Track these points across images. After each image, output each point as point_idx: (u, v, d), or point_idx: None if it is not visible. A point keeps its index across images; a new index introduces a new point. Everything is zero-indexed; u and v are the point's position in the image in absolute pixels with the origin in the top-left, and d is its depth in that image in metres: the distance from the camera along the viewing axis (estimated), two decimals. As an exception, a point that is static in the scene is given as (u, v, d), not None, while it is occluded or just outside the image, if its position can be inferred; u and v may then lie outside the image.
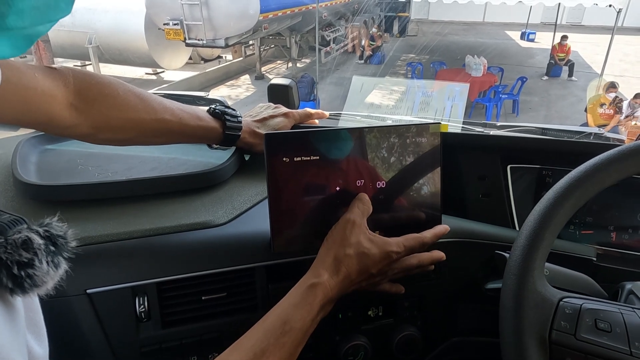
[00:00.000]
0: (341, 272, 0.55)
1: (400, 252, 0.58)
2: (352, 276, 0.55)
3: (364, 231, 0.57)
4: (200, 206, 0.70)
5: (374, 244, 0.56)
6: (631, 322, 0.45)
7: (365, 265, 0.55)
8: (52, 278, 0.35)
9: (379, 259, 0.56)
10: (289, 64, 10.19)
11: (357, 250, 0.55)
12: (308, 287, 0.53)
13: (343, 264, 0.55)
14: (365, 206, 0.59)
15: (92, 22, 8.16)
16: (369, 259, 0.55)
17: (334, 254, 0.56)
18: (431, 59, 9.83)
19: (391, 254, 0.57)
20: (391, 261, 0.57)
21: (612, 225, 0.78)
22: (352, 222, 0.57)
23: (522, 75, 7.51)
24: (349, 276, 0.55)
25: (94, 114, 0.60)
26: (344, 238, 0.56)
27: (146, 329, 0.61)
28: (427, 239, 0.61)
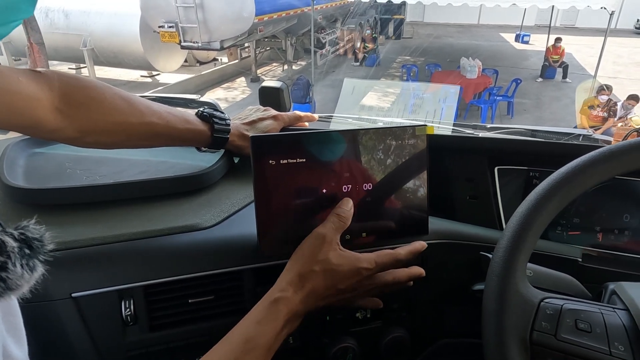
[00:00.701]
0: (306, 287, 0.53)
1: (372, 268, 0.56)
2: (318, 292, 0.54)
3: (334, 247, 0.56)
4: (188, 209, 0.70)
5: (343, 260, 0.55)
6: (611, 322, 0.46)
7: (333, 282, 0.54)
8: (27, 281, 0.35)
9: (348, 275, 0.55)
10: (285, 66, 10.20)
11: (324, 266, 0.54)
12: (272, 302, 0.52)
13: (308, 279, 0.54)
14: (341, 221, 0.58)
15: (87, 24, 8.14)
16: (336, 275, 0.54)
17: (299, 268, 0.55)
18: (426, 61, 9.88)
19: (361, 270, 0.55)
20: (362, 278, 0.56)
21: (598, 227, 0.78)
22: (322, 237, 0.56)
23: (517, 77, 7.56)
24: (315, 292, 0.54)
25: (80, 117, 0.60)
26: (312, 253, 0.55)
27: (133, 332, 0.61)
28: (401, 255, 0.60)
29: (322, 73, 9.37)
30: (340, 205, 0.60)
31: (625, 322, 0.46)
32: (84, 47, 8.13)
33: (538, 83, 9.54)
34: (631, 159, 0.51)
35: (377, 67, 10.35)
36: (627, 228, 0.77)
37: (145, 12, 7.62)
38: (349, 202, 0.60)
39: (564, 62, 9.69)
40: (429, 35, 15.80)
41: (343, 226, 0.58)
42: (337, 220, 0.58)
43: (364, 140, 0.63)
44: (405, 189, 0.66)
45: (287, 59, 9.86)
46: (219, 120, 0.75)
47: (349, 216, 0.59)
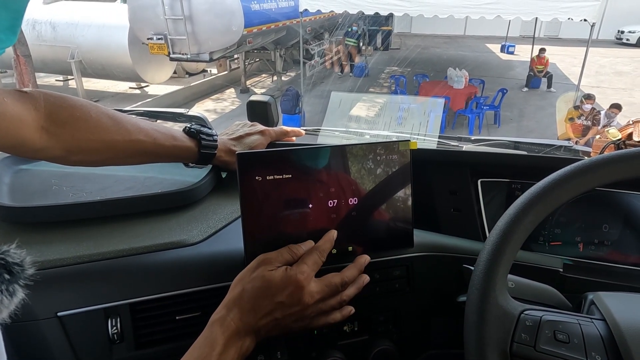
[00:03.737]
0: (239, 305, 0.54)
1: (304, 270, 0.56)
2: (254, 308, 0.54)
3: (270, 267, 0.56)
4: (175, 225, 0.70)
5: (275, 272, 0.55)
6: (588, 332, 0.47)
7: (267, 295, 0.54)
8: (6, 307, 0.35)
9: (283, 284, 0.54)
10: (274, 77, 10.25)
11: (254, 283, 0.54)
12: (207, 327, 0.53)
13: (242, 297, 0.54)
14: (285, 256, 0.58)
15: (75, 36, 8.12)
16: (270, 289, 0.54)
17: (233, 289, 0.56)
18: (414, 71, 10.00)
19: (296, 275, 0.55)
20: (298, 285, 0.55)
21: (579, 237, 0.80)
22: (261, 259, 0.57)
23: (503, 87, 7.69)
24: (250, 309, 0.54)
25: (65, 136, 0.61)
26: (245, 273, 0.57)
27: (119, 350, 0.61)
28: (324, 245, 0.61)
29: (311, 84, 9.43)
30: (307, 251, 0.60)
31: (602, 332, 0.47)
32: (71, 59, 8.09)
33: (523, 93, 9.70)
34: (605, 173, 0.53)
35: (366, 78, 10.45)
36: (607, 238, 0.79)
37: (133, 24, 7.63)
38: (320, 248, 0.60)
39: (548, 72, 9.89)
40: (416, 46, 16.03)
41: (287, 259, 0.58)
42: (286, 250, 0.59)
43: (350, 155, 0.64)
44: (390, 203, 0.67)
45: (276, 70, 9.90)
46: (206, 137, 0.76)
47: (319, 256, 0.59)
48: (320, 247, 0.61)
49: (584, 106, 5.95)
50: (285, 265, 0.57)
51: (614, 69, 12.32)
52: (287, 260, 0.58)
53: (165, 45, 7.45)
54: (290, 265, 0.57)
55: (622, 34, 17.43)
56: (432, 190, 0.85)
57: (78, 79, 8.40)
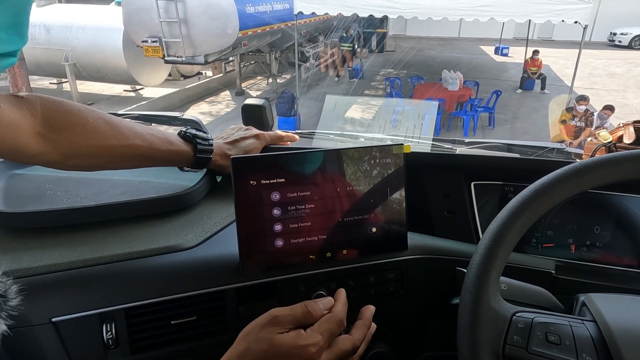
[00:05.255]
0: None
1: (317, 341, 0.51)
2: None
3: (280, 324, 0.51)
4: (170, 229, 0.70)
5: (286, 338, 0.50)
6: (579, 334, 0.47)
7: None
8: None
9: (292, 354, 0.49)
10: (269, 79, 10.25)
11: (261, 346, 0.50)
12: None
13: (245, 356, 0.50)
14: (295, 315, 0.53)
15: (69, 39, 8.08)
16: (278, 357, 0.49)
17: (239, 344, 0.51)
18: (409, 73, 10.04)
19: (307, 347, 0.50)
20: (312, 354, 0.50)
21: (571, 239, 0.81)
22: (271, 316, 0.52)
23: (497, 89, 7.73)
24: None
25: (62, 142, 0.61)
26: (257, 331, 0.51)
27: (114, 356, 0.61)
28: (339, 310, 0.56)
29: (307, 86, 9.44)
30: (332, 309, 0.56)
31: (592, 333, 0.48)
32: (65, 62, 8.06)
33: (518, 94, 9.76)
34: (596, 176, 0.53)
35: (361, 80, 10.48)
36: (598, 240, 0.80)
37: (128, 27, 7.61)
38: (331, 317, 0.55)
39: (542, 73, 9.95)
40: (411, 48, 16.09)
41: (298, 320, 0.53)
42: (301, 309, 0.53)
43: (344, 159, 0.65)
44: (384, 206, 0.68)
45: (271, 73, 9.90)
46: (202, 141, 0.76)
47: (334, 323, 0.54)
48: (338, 316, 0.55)
49: (578, 107, 5.99)
50: (297, 329, 0.52)
51: (606, 71, 12.42)
52: (300, 322, 0.52)
53: (160, 48, 7.44)
54: (303, 327, 0.52)
55: (614, 35, 17.58)
56: (426, 193, 0.85)
57: (72, 81, 8.36)
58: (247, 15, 7.61)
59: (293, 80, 9.10)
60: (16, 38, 0.39)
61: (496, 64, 13.63)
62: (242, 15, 7.38)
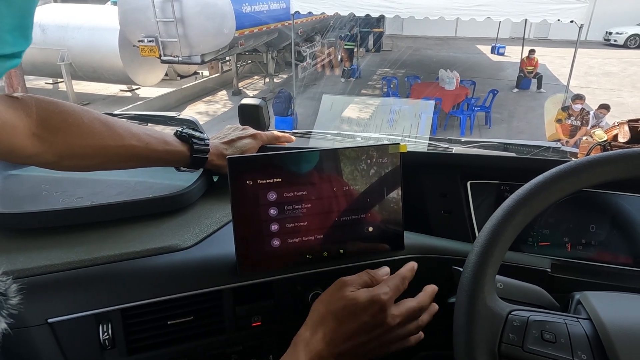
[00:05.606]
0: (324, 326, 0.54)
1: (387, 291, 0.56)
2: (339, 331, 0.54)
3: (353, 288, 0.57)
4: (166, 230, 0.70)
5: (359, 292, 0.56)
6: (574, 332, 0.48)
7: (353, 315, 0.54)
8: None
9: (367, 304, 0.55)
10: (266, 79, 10.24)
11: (341, 303, 0.55)
12: (291, 346, 0.54)
13: (326, 318, 0.55)
14: (370, 278, 0.60)
15: (65, 39, 8.04)
16: (355, 308, 0.54)
17: (318, 309, 0.57)
18: (406, 72, 10.06)
19: (379, 295, 0.55)
20: (382, 306, 0.55)
21: (567, 237, 0.81)
22: (342, 281, 0.58)
23: (494, 88, 7.75)
24: (335, 331, 0.54)
25: (57, 142, 0.60)
26: (331, 294, 0.57)
27: (111, 356, 0.61)
28: (406, 273, 0.62)
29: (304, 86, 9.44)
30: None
31: (587, 331, 0.48)
32: (61, 61, 8.02)
33: (514, 93, 9.79)
34: (591, 175, 0.54)
35: (358, 80, 10.48)
36: (594, 239, 0.80)
37: (124, 27, 7.58)
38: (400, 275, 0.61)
39: (538, 72, 9.98)
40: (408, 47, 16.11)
41: (364, 281, 0.59)
42: (365, 274, 0.60)
43: (340, 158, 0.65)
44: (381, 205, 0.68)
45: (268, 73, 9.89)
46: (198, 141, 0.76)
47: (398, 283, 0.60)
48: (402, 273, 0.61)
49: (574, 106, 6.01)
50: (366, 287, 0.57)
51: (602, 70, 12.48)
52: (366, 282, 0.59)
53: (157, 48, 7.42)
54: (369, 287, 0.58)
55: (610, 35, 17.65)
56: (422, 192, 0.85)
57: (68, 81, 8.33)
58: (243, 15, 7.60)
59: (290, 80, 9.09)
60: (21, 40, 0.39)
61: (493, 63, 13.67)
62: (239, 14, 7.37)
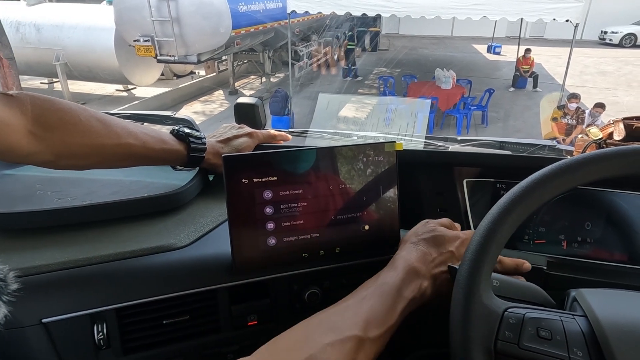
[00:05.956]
0: (417, 249, 0.61)
1: (467, 234, 0.64)
2: (432, 252, 0.60)
3: (435, 223, 0.65)
4: (162, 229, 0.70)
5: (443, 228, 0.64)
6: (570, 329, 0.48)
7: (442, 243, 0.61)
8: None
9: (452, 237, 0.62)
10: (263, 79, 10.22)
11: (432, 234, 0.62)
12: (392, 260, 0.60)
13: (418, 244, 0.61)
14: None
15: (60, 38, 8.01)
16: (443, 238, 0.62)
17: (409, 238, 0.64)
18: (402, 72, 10.07)
19: (459, 234, 0.64)
20: (463, 241, 0.63)
21: (563, 235, 0.81)
22: (427, 220, 0.67)
23: (490, 87, 7.76)
24: (429, 253, 0.60)
25: (54, 141, 0.60)
26: (420, 227, 0.65)
27: (106, 356, 0.60)
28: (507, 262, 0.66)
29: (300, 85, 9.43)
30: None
31: (583, 328, 0.48)
32: (56, 61, 7.98)
33: (510, 93, 9.82)
34: (586, 172, 0.54)
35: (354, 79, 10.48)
36: (589, 236, 0.80)
37: (120, 26, 7.55)
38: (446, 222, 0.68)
39: (534, 72, 10.01)
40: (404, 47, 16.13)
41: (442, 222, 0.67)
42: (446, 220, 0.68)
43: (336, 157, 0.65)
44: (376, 204, 0.68)
45: (264, 72, 9.88)
46: (195, 140, 0.76)
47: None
48: None
49: (570, 105, 6.04)
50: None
51: (597, 69, 12.53)
52: (447, 225, 0.66)
53: (152, 47, 7.39)
54: None
55: (605, 34, 17.73)
56: (418, 190, 0.85)
57: (63, 81, 8.29)
58: (239, 14, 7.58)
59: (286, 79, 9.08)
60: None
61: (489, 62, 13.70)
62: (235, 14, 7.35)
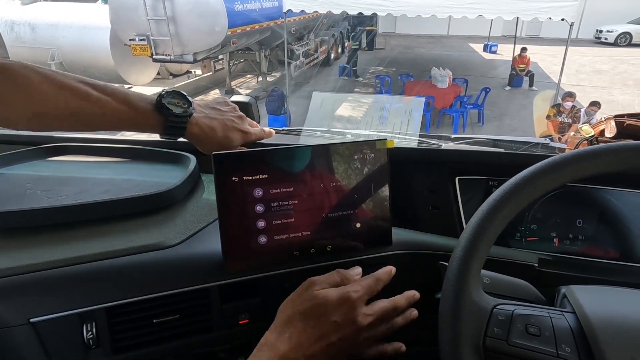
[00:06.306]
0: (290, 328, 0.52)
1: (358, 290, 0.55)
2: (306, 333, 0.51)
3: (319, 284, 0.56)
4: (152, 227, 0.69)
5: (328, 290, 0.54)
6: (559, 325, 0.48)
7: (322, 314, 0.52)
8: None
9: (337, 302, 0.53)
10: (259, 78, 10.21)
11: (309, 303, 0.53)
12: (256, 350, 0.51)
13: (292, 320, 0.52)
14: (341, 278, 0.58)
15: (55, 38, 7.96)
16: (324, 307, 0.52)
17: (285, 311, 0.54)
18: (398, 71, 10.07)
19: (349, 293, 0.54)
20: (352, 304, 0.53)
21: (554, 232, 0.82)
22: (309, 281, 0.57)
23: (486, 86, 7.79)
24: (302, 333, 0.51)
25: (4, 107, 0.59)
26: (299, 294, 0.55)
27: (96, 356, 0.60)
28: (381, 275, 0.61)
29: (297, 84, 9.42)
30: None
31: (572, 324, 0.48)
32: (52, 61, 7.93)
33: (506, 91, 9.85)
34: (575, 169, 0.54)
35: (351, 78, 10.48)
36: (581, 233, 0.81)
37: (115, 25, 7.52)
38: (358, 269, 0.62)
39: (530, 70, 10.05)
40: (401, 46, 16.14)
41: (333, 281, 0.57)
42: (336, 273, 0.59)
43: (326, 154, 0.65)
44: (368, 202, 0.68)
45: (261, 71, 9.86)
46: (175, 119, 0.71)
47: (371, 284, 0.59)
48: (377, 274, 0.60)
49: (565, 104, 6.05)
50: (341, 289, 0.55)
51: (593, 68, 12.58)
52: (337, 282, 0.57)
53: (148, 47, 7.36)
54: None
55: (600, 33, 17.80)
56: (411, 188, 0.85)
57: (59, 81, 8.24)
58: (235, 13, 7.57)
59: (283, 79, 9.07)
60: None
61: (485, 61, 13.73)
62: (231, 13, 7.34)
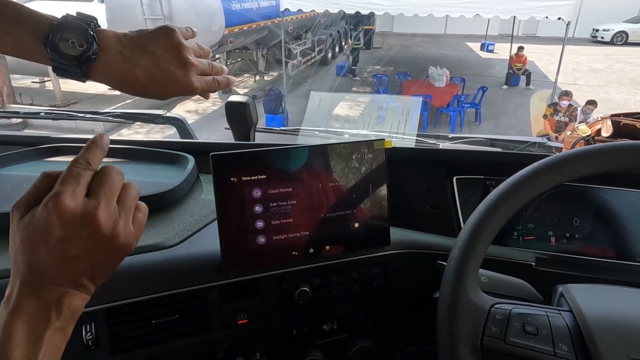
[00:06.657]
0: (15, 272, 0.38)
1: (61, 189, 0.38)
2: (36, 262, 0.38)
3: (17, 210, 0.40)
4: (151, 228, 0.69)
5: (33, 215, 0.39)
6: (556, 324, 0.48)
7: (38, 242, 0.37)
8: None
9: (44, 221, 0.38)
10: (257, 77, 10.19)
11: (18, 236, 0.38)
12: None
13: (16, 263, 0.38)
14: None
15: (51, 37, 7.92)
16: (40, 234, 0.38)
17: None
18: (396, 70, 10.06)
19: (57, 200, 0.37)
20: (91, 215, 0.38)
21: (551, 231, 0.82)
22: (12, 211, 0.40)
23: (483, 85, 7.79)
24: (33, 264, 0.38)
25: None
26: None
27: (95, 356, 0.60)
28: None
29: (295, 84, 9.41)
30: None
31: (569, 323, 0.48)
32: (48, 60, 7.89)
33: (503, 90, 9.85)
34: (572, 169, 0.54)
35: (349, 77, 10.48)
36: (578, 232, 0.81)
37: (111, 24, 7.48)
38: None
39: (526, 69, 10.06)
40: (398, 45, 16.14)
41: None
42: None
43: (325, 155, 0.65)
44: (366, 201, 0.68)
45: (258, 70, 9.84)
46: (65, 62, 0.48)
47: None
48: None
49: (561, 103, 6.07)
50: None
51: (589, 67, 12.61)
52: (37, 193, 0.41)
53: (145, 46, 7.33)
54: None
55: (596, 32, 17.83)
56: (408, 188, 0.86)
57: (55, 80, 8.21)
58: (233, 13, 7.55)
59: (280, 78, 9.06)
60: None
61: (482, 60, 13.74)
62: (228, 12, 7.32)
